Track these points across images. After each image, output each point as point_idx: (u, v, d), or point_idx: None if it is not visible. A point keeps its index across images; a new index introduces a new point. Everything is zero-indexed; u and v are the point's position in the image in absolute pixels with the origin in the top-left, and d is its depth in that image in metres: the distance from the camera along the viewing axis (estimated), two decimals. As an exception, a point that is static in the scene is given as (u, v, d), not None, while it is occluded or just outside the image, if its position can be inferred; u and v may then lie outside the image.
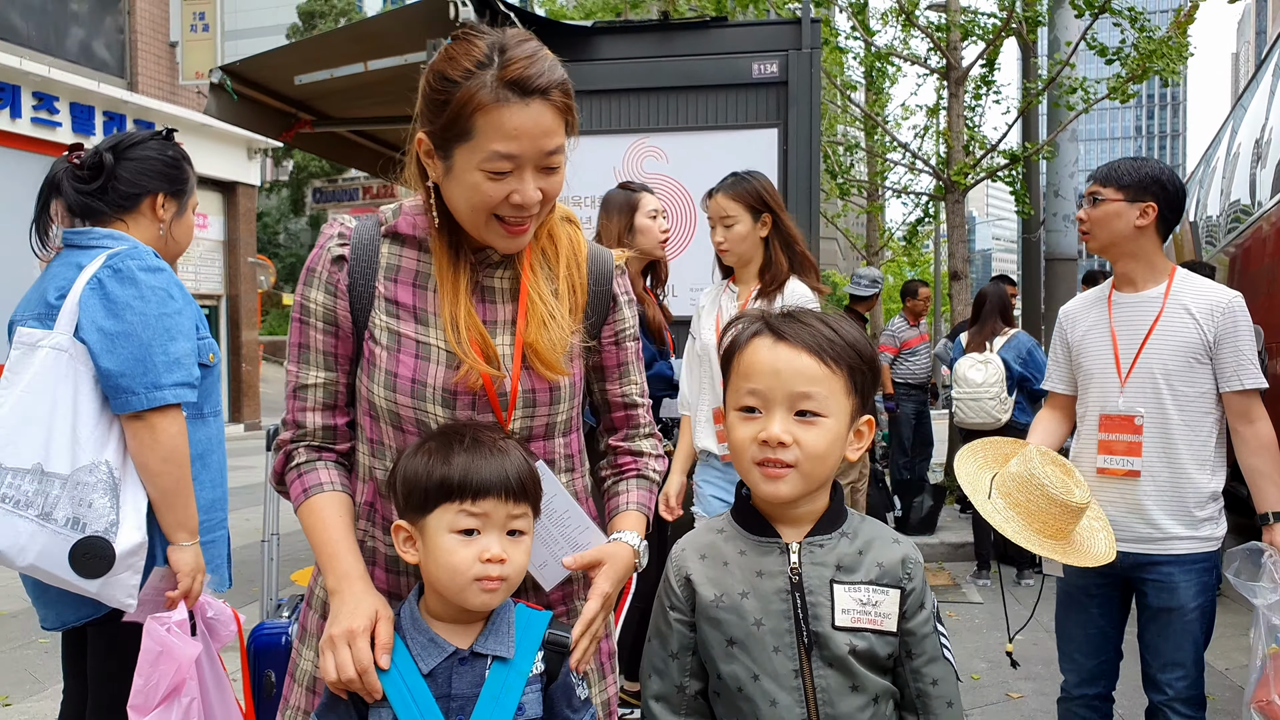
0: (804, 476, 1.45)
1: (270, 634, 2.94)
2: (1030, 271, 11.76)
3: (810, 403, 1.44)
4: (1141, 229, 2.73)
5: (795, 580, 1.47)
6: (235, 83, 6.44)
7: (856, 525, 1.53)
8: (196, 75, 17.05)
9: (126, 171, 2.40)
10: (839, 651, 1.44)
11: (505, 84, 1.46)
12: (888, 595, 1.47)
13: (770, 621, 1.46)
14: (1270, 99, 6.88)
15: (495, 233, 1.55)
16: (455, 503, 1.44)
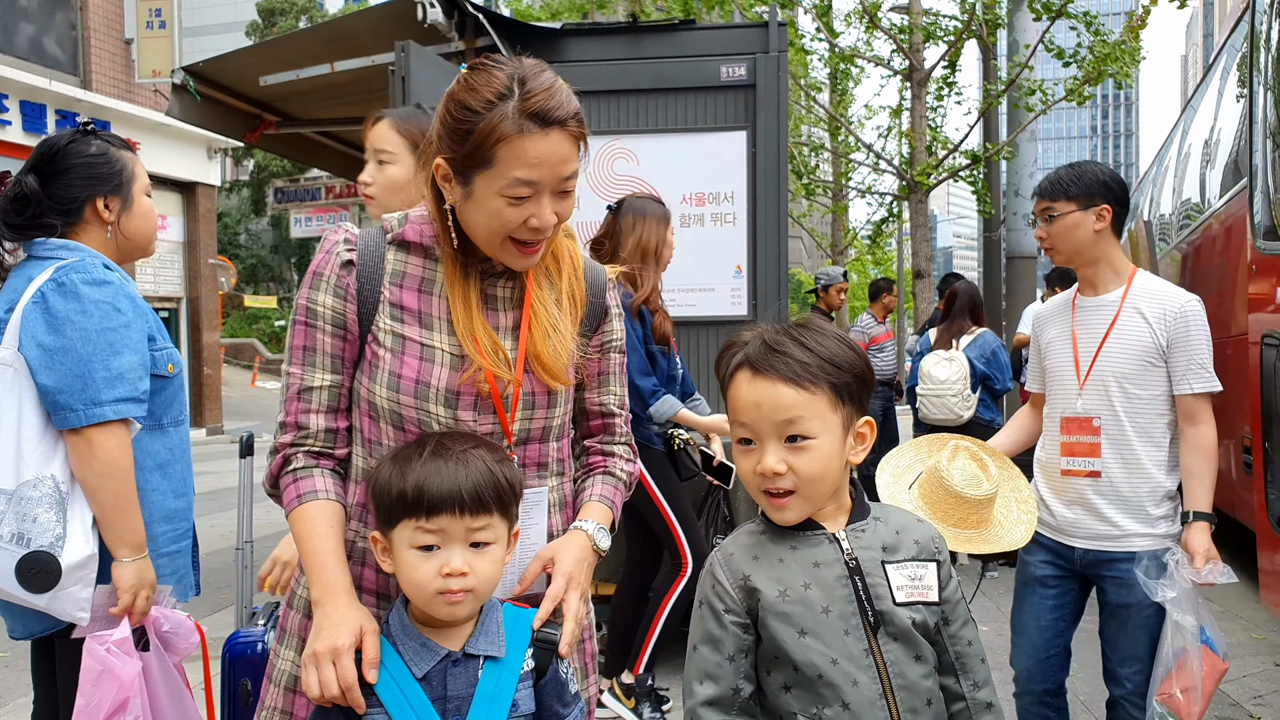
0: (806, 499, 1.54)
1: (246, 642, 2.92)
2: (991, 269, 11.92)
3: (796, 427, 1.51)
4: (1100, 233, 2.79)
5: (852, 565, 1.55)
6: (198, 83, 6.38)
7: (880, 511, 1.64)
8: (153, 73, 16.80)
9: (56, 188, 2.32)
10: (904, 625, 1.54)
11: (527, 115, 1.52)
12: (928, 569, 1.58)
13: (837, 606, 1.53)
14: (1219, 101, 7.04)
15: (510, 253, 1.61)
16: (412, 519, 1.47)
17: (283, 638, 1.71)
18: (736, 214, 4.92)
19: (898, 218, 12.79)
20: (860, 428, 1.57)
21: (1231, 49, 6.79)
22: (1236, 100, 6.31)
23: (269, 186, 27.74)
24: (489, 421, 1.63)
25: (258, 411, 21.65)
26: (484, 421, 1.63)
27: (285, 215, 27.99)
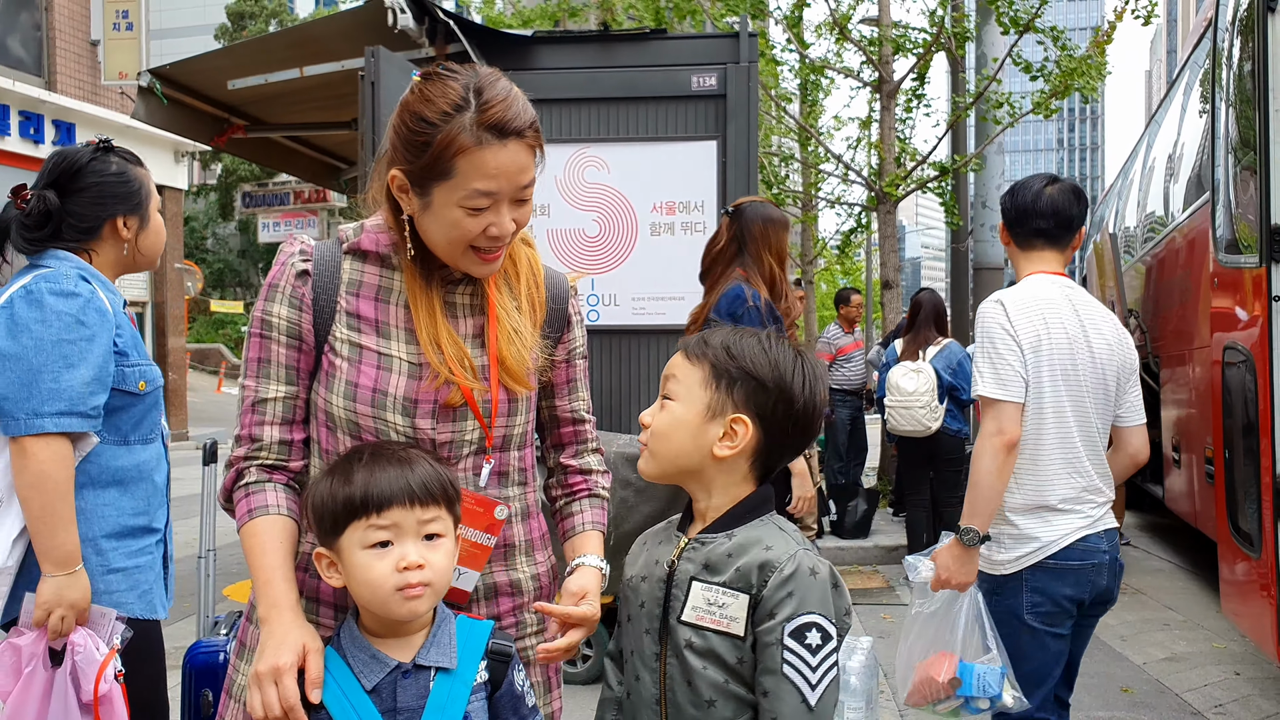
0: (652, 454, 1.62)
1: (207, 652, 2.88)
2: (959, 280, 12.02)
3: (667, 386, 1.62)
4: (1009, 248, 2.88)
5: (669, 572, 1.59)
6: (165, 86, 6.32)
7: (750, 529, 1.57)
8: (120, 75, 16.60)
9: (78, 206, 2.34)
10: (680, 644, 1.54)
11: (485, 127, 1.52)
12: (737, 599, 1.52)
13: (648, 606, 1.60)
14: (1182, 116, 7.15)
15: (471, 261, 1.61)
16: (363, 519, 1.45)
17: (241, 652, 1.68)
18: (707, 223, 4.92)
19: (866, 228, 12.86)
20: (733, 422, 1.57)
21: (1194, 65, 6.90)
22: (1199, 115, 6.41)
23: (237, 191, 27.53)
24: (447, 430, 1.62)
25: (223, 417, 21.42)
26: (442, 430, 1.62)
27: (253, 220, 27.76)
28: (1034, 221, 2.78)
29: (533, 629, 1.74)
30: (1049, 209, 2.77)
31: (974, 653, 2.61)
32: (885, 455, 9.81)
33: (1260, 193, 3.38)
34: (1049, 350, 2.62)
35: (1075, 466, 2.62)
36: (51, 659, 2.21)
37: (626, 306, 4.95)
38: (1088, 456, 2.64)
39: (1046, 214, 2.77)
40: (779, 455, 1.63)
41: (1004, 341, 2.62)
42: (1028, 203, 2.80)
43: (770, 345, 1.60)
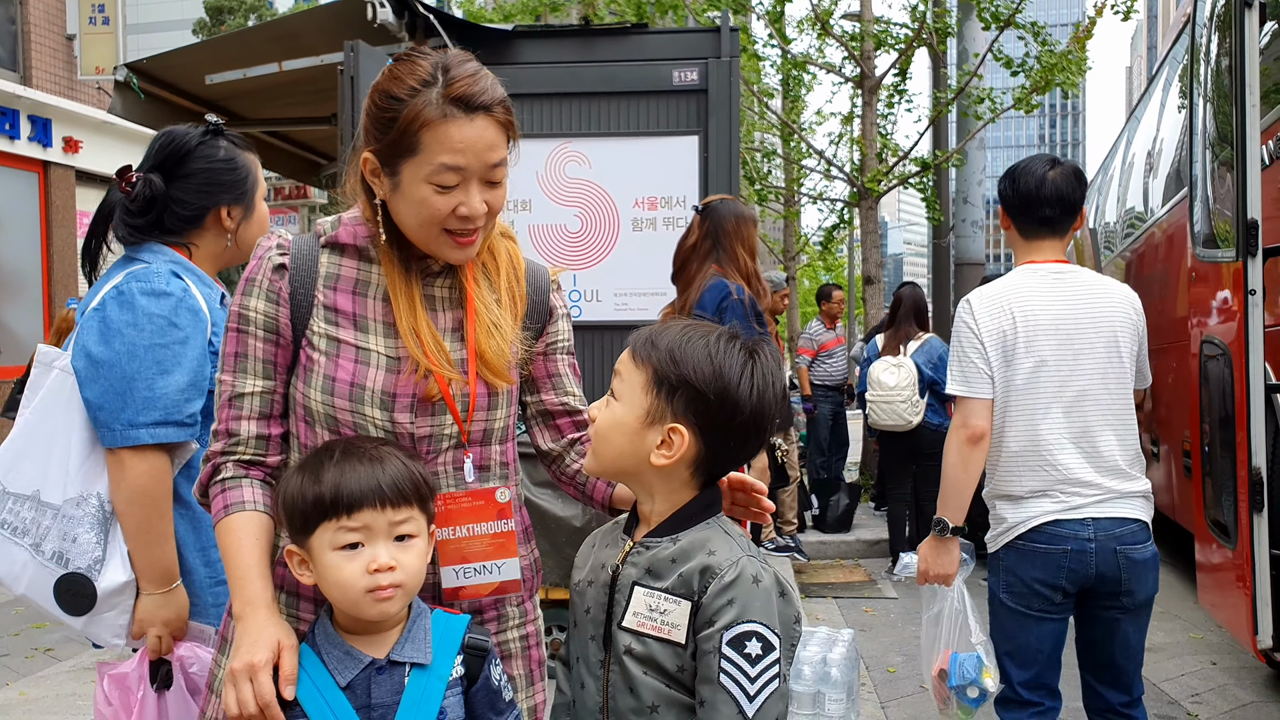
0: (593, 451, 1.59)
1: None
2: (940, 275, 12.06)
3: (613, 383, 1.58)
4: (1008, 233, 2.85)
5: (612, 577, 1.55)
6: (142, 81, 6.25)
7: (695, 535, 1.51)
8: (97, 70, 16.45)
9: (182, 193, 2.21)
10: (619, 650, 1.50)
11: (450, 100, 1.51)
12: (679, 606, 1.47)
13: (594, 611, 1.56)
14: (1161, 112, 7.20)
15: (445, 244, 1.59)
16: (333, 520, 1.45)
17: (224, 647, 1.68)
18: (689, 218, 4.91)
19: (849, 224, 12.89)
20: (671, 431, 1.49)
21: (1173, 61, 6.94)
22: (1178, 111, 6.45)
23: (217, 187, 27.25)
24: (426, 424, 1.61)
25: (204, 415, 21.28)
26: (421, 424, 1.61)
27: (233, 216, 27.47)
28: (1039, 210, 2.75)
29: (515, 622, 1.73)
30: (1054, 196, 2.73)
31: (961, 643, 2.69)
32: (867, 450, 9.84)
33: (1237, 188, 3.40)
34: (1015, 344, 2.64)
35: (1044, 460, 2.63)
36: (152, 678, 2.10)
37: (609, 302, 4.94)
38: (1073, 447, 2.61)
39: (1052, 201, 2.74)
40: (722, 463, 1.57)
41: (969, 339, 2.68)
42: (1031, 190, 2.75)
43: (718, 350, 1.51)
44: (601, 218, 4.96)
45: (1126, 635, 2.69)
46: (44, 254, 16.12)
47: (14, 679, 4.77)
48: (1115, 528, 2.61)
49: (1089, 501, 2.61)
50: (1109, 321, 2.67)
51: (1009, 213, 2.81)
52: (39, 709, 4.33)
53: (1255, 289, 3.34)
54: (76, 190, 16.67)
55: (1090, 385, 2.64)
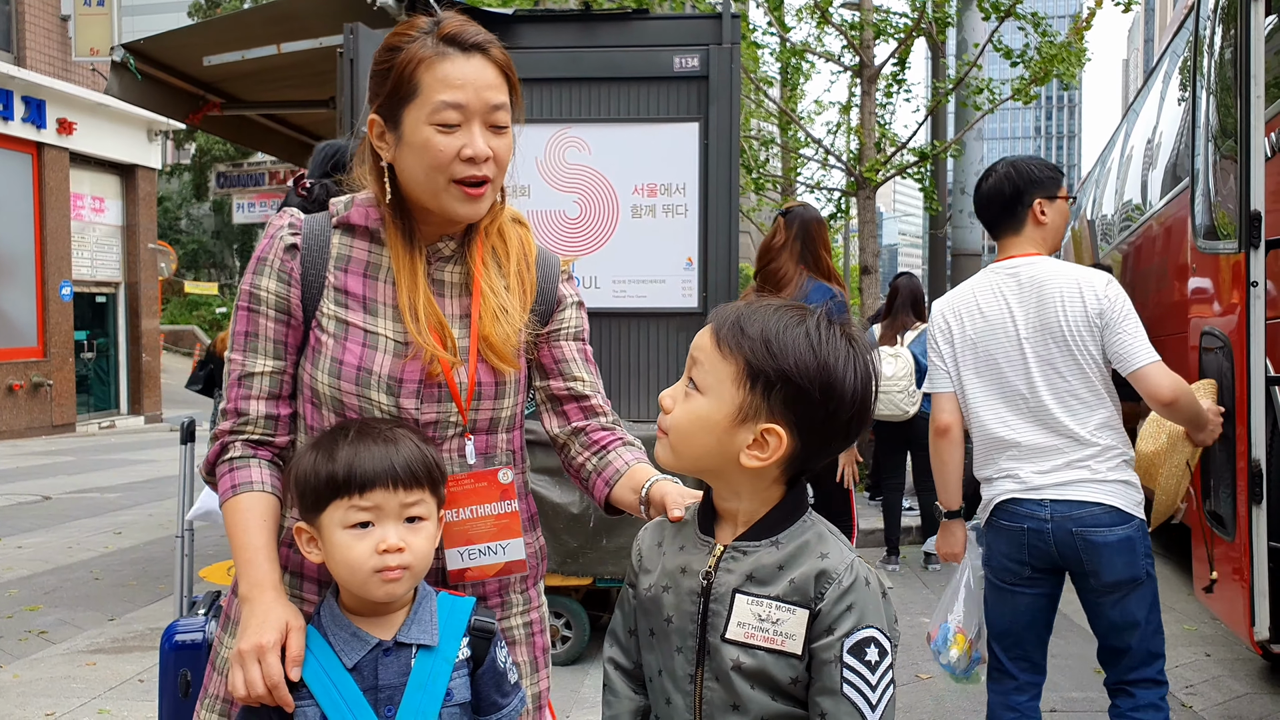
0: (670, 447, 1.41)
1: (186, 632, 2.85)
2: (937, 266, 12.08)
3: (695, 372, 1.40)
4: None
5: (705, 584, 1.40)
6: (139, 62, 6.22)
7: (797, 534, 1.40)
8: (91, 51, 16.38)
9: None
10: (724, 666, 1.37)
11: (444, 39, 1.54)
12: (794, 614, 1.35)
13: (679, 621, 1.42)
14: (1160, 105, 7.19)
15: (454, 197, 1.57)
16: (345, 499, 1.45)
17: (227, 625, 1.68)
18: (688, 205, 4.90)
19: (845, 214, 12.88)
20: (765, 432, 1.35)
21: (1173, 54, 6.92)
22: (1178, 104, 6.43)
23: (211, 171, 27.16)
24: (432, 410, 1.61)
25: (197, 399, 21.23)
26: (427, 410, 1.60)
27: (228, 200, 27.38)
28: (980, 215, 3.05)
29: (519, 609, 1.73)
30: (983, 202, 3.02)
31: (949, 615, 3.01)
32: (861, 440, 9.84)
33: (1240, 180, 3.39)
34: (962, 342, 2.93)
35: (1001, 445, 2.86)
36: None
37: (608, 289, 4.93)
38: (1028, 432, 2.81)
39: (982, 206, 3.04)
40: (815, 460, 1.41)
41: (932, 338, 3.04)
42: (977, 200, 3.06)
43: (821, 339, 1.35)
44: (601, 204, 4.94)
45: (1108, 615, 2.80)
46: (37, 236, 16.05)
47: (7, 661, 4.76)
48: (1074, 510, 2.74)
49: (1049, 483, 2.77)
50: (1050, 310, 2.80)
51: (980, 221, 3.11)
52: (32, 691, 4.32)
53: (1258, 280, 3.33)
54: (70, 172, 16.60)
55: (1040, 373, 2.80)
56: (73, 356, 16.87)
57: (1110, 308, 2.75)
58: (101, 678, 4.48)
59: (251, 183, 23.90)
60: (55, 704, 4.16)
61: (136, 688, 4.31)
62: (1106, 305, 2.76)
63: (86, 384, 17.95)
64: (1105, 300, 2.76)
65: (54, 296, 16.29)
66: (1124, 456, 2.80)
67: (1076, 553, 2.74)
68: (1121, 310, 2.75)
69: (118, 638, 5.11)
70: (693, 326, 4.92)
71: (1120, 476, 2.77)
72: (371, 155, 1.63)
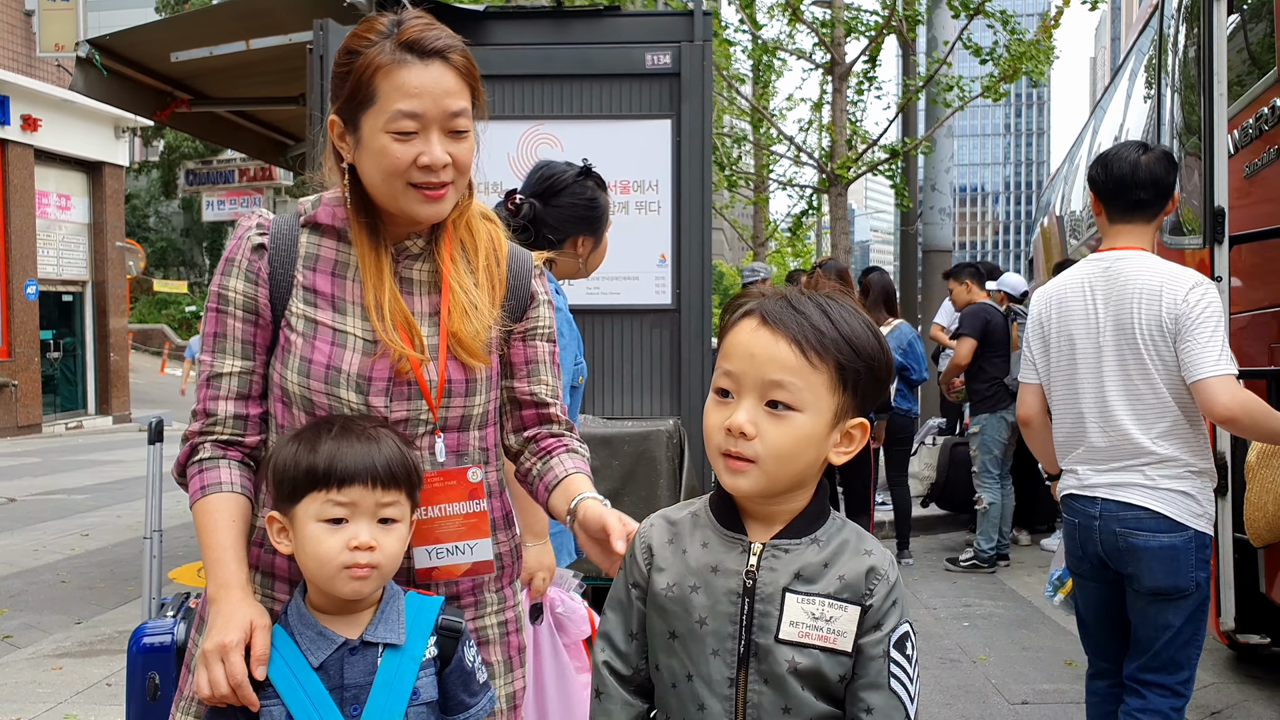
0: (766, 475, 1.32)
1: (154, 635, 2.82)
2: (908, 262, 12.15)
3: (782, 394, 1.31)
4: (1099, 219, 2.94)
5: (749, 584, 1.35)
6: (105, 58, 6.14)
7: (833, 531, 1.39)
8: (56, 47, 16.14)
9: (552, 219, 2.60)
10: (778, 669, 1.33)
11: (402, 46, 1.52)
12: (845, 611, 1.34)
13: (714, 622, 1.35)
14: (1127, 102, 7.27)
15: (413, 199, 1.56)
16: (322, 491, 1.45)
17: (201, 627, 1.66)
18: (660, 202, 4.91)
19: (817, 210, 12.94)
20: (852, 428, 1.37)
21: (1139, 52, 7.00)
22: (1144, 101, 6.51)
23: (180, 168, 26.91)
24: (402, 408, 1.60)
25: (166, 399, 21.02)
26: (397, 408, 1.60)
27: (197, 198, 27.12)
28: (1134, 193, 2.80)
29: (493, 608, 1.72)
30: (1148, 179, 2.78)
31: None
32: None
33: (1205, 177, 3.44)
34: (1051, 334, 2.90)
35: (1072, 440, 2.86)
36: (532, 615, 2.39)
37: (581, 286, 4.90)
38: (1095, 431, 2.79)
39: (1145, 184, 2.79)
40: None
41: (1026, 329, 3.03)
42: (1125, 174, 2.80)
43: (866, 320, 1.37)
44: (573, 201, 4.93)
45: (1143, 613, 2.75)
46: (1, 234, 15.80)
47: (-26, 666, 4.69)
48: (1121, 511, 2.72)
49: (1104, 483, 2.76)
50: (1127, 309, 2.71)
51: (1100, 199, 2.87)
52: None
53: (1222, 275, 3.38)
54: (36, 169, 16.36)
55: (1110, 373, 2.75)
56: (39, 356, 16.63)
57: (1187, 312, 2.62)
58: (68, 682, 4.42)
59: (221, 180, 23.70)
60: (21, 709, 4.10)
61: (104, 691, 4.26)
62: (1184, 310, 2.62)
63: (53, 384, 17.71)
64: (1184, 305, 2.62)
65: (19, 295, 16.06)
66: (1190, 468, 2.68)
67: (1119, 554, 2.72)
68: (1199, 316, 2.61)
69: (85, 641, 5.05)
70: (666, 323, 4.93)
71: (1179, 487, 2.67)
72: (334, 155, 1.62)
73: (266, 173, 22.21)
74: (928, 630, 5.21)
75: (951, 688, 4.34)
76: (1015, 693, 4.27)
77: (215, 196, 23.57)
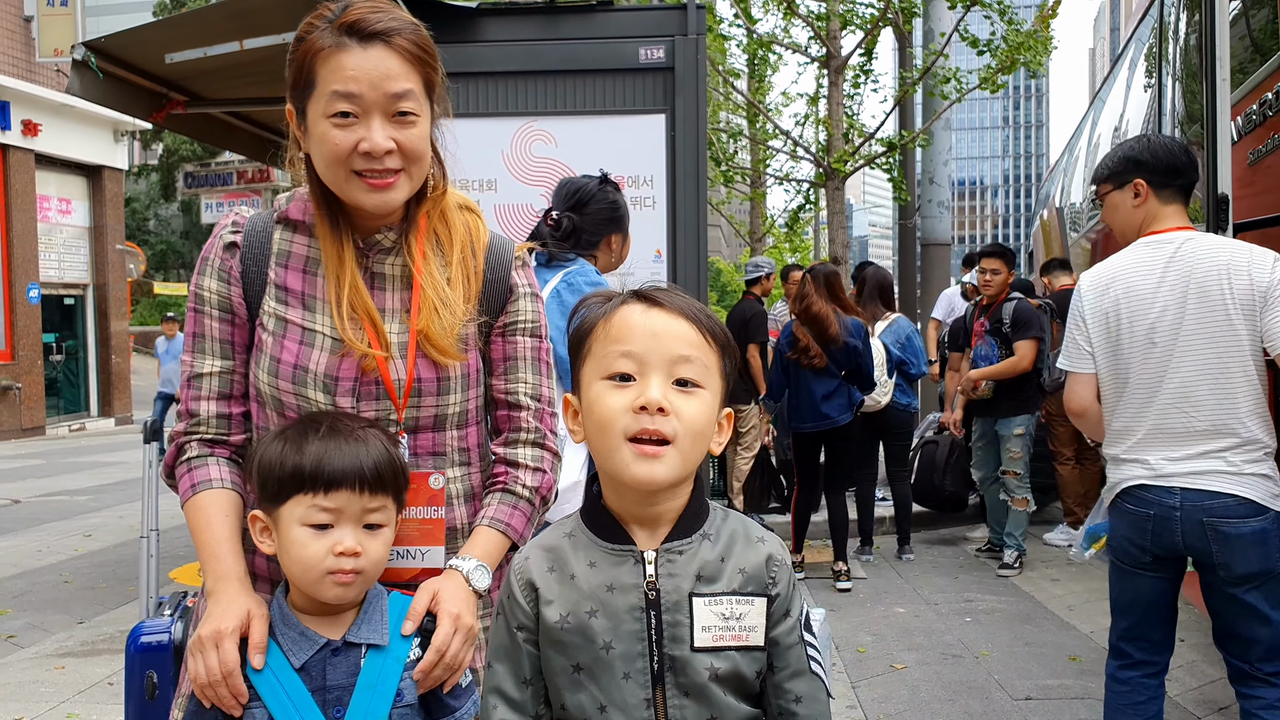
0: (682, 456, 1.26)
1: (151, 633, 2.81)
2: (906, 256, 12.11)
3: (690, 369, 1.27)
4: (1139, 206, 2.88)
5: (652, 596, 1.27)
6: (100, 60, 6.11)
7: (719, 524, 1.34)
8: (55, 52, 16.15)
9: (588, 225, 2.97)
10: (698, 678, 1.26)
11: (341, 29, 1.49)
12: (753, 605, 1.29)
13: (621, 644, 1.26)
14: (1127, 92, 7.24)
15: (357, 188, 1.53)
16: (308, 495, 1.43)
17: (198, 625, 1.65)
18: (656, 198, 4.89)
19: (815, 205, 12.90)
20: (723, 417, 1.33)
21: (1138, 41, 6.97)
22: (1144, 90, 6.48)
23: (179, 171, 26.92)
24: (370, 408, 1.57)
25: (169, 402, 21.03)
26: (365, 408, 1.57)
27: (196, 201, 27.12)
28: (1187, 175, 2.85)
29: (480, 613, 1.69)
30: (1193, 162, 2.84)
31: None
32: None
33: (1208, 164, 3.41)
34: (1118, 321, 2.78)
35: (1141, 427, 2.75)
36: None
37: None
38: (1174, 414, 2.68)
39: (1193, 166, 2.86)
40: None
41: (1075, 318, 2.90)
42: (1178, 154, 2.85)
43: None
44: (569, 197, 4.91)
45: (1237, 606, 2.69)
46: (3, 238, 15.81)
47: (-26, 669, 4.68)
48: (1205, 500, 2.65)
49: (1181, 471, 2.68)
50: (1215, 286, 2.65)
51: (1151, 182, 2.85)
52: (1, 696, 4.26)
53: (1223, 263, 3.35)
54: (36, 173, 16.36)
55: (1193, 354, 2.67)
56: (41, 359, 16.65)
57: (1276, 284, 2.60)
58: (70, 681, 4.42)
59: (219, 182, 23.68)
60: (24, 709, 4.10)
61: (106, 691, 4.25)
62: (1272, 281, 2.60)
63: (56, 386, 17.73)
64: (1272, 276, 2.61)
65: (21, 299, 16.07)
66: (1266, 449, 2.66)
67: (1207, 544, 2.65)
68: None
69: (87, 641, 5.04)
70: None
71: (1259, 470, 2.65)
72: (296, 145, 1.60)
73: (264, 175, 22.20)
74: (929, 626, 5.19)
75: (954, 683, 4.32)
76: (1019, 688, 4.25)
77: (214, 199, 23.55)
